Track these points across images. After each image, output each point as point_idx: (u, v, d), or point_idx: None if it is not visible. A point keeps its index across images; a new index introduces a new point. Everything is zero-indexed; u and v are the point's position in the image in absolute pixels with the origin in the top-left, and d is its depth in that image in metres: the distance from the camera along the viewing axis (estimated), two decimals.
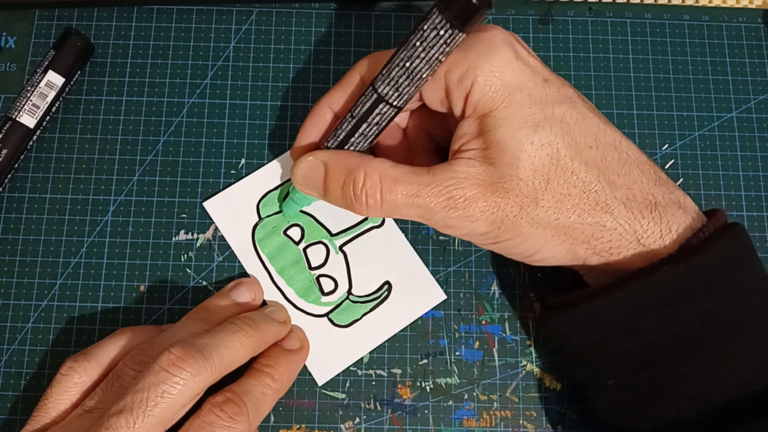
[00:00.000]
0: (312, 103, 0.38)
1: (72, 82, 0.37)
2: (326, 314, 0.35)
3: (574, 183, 0.28)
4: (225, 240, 0.36)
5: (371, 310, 0.35)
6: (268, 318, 0.32)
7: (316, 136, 0.32)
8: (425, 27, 0.26)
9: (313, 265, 0.35)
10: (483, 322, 0.35)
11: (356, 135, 0.30)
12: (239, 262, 0.35)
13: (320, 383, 0.34)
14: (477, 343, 0.35)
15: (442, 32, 0.26)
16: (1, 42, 0.39)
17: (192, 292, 0.35)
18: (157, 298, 0.35)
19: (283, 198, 0.36)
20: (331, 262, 0.35)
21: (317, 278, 0.35)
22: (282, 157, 0.37)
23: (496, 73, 0.28)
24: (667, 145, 0.38)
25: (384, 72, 0.28)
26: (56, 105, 0.37)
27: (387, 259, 0.36)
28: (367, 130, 0.30)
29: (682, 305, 0.27)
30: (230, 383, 0.29)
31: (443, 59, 0.27)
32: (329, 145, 0.31)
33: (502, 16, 0.39)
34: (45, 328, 0.35)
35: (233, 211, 0.36)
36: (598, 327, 0.29)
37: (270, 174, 0.36)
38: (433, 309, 0.35)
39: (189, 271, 0.36)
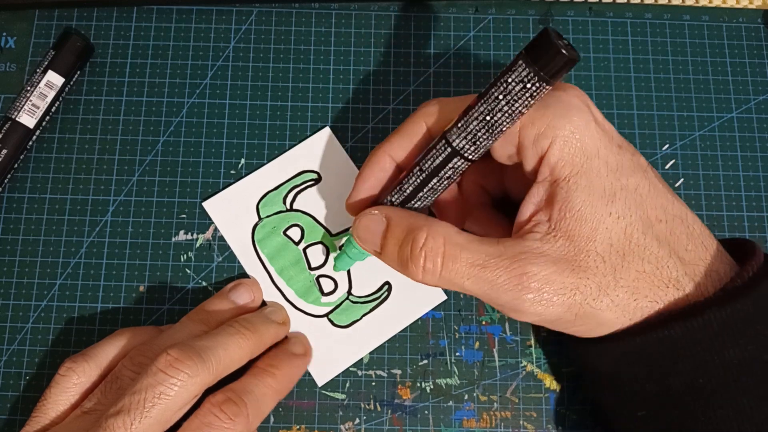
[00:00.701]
0: (312, 103, 0.38)
1: (72, 82, 0.37)
2: (326, 315, 0.35)
3: (647, 259, 0.26)
4: (225, 240, 0.36)
5: (371, 310, 0.35)
6: (267, 320, 0.32)
7: (375, 187, 0.30)
8: (510, 79, 0.24)
9: (313, 265, 0.35)
10: (483, 322, 0.35)
11: (425, 189, 0.28)
12: (239, 262, 0.35)
13: (320, 384, 0.34)
14: (477, 343, 0.35)
15: (529, 85, 0.24)
16: (1, 42, 0.39)
17: (191, 293, 0.35)
18: (157, 299, 0.35)
19: (339, 247, 0.35)
20: (331, 262, 0.35)
21: (317, 278, 0.35)
22: (281, 158, 0.37)
23: (576, 136, 0.26)
24: (667, 145, 0.38)
25: (460, 125, 0.26)
26: (56, 105, 0.37)
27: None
28: (437, 184, 0.28)
29: (725, 348, 0.26)
30: (230, 382, 0.29)
31: (525, 112, 0.25)
32: (393, 199, 0.29)
33: (502, 16, 0.39)
34: (45, 328, 0.35)
35: (233, 211, 0.36)
36: (634, 363, 0.28)
37: (269, 174, 0.36)
38: (433, 309, 0.35)
39: (188, 271, 0.36)
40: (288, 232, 0.36)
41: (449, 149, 0.27)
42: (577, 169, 0.26)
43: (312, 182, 0.36)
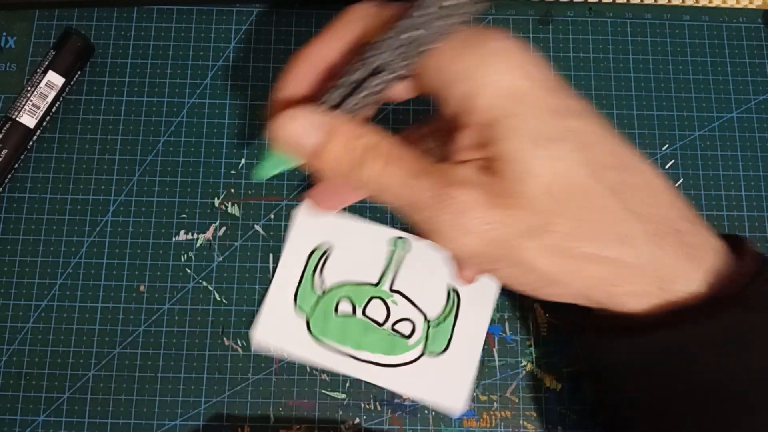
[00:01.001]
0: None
1: (72, 82, 0.37)
2: (422, 354, 0.34)
3: (591, 208, 0.24)
4: (225, 240, 0.36)
5: (455, 322, 0.35)
6: None
7: (303, 88, 0.27)
8: None
9: (381, 321, 0.35)
10: None
11: (353, 98, 0.26)
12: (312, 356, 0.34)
13: (458, 415, 0.34)
14: None
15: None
16: (1, 42, 0.39)
17: (192, 292, 0.35)
18: (157, 299, 0.35)
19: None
20: (393, 307, 0.35)
21: (393, 329, 0.35)
22: (284, 258, 0.36)
23: (508, 78, 0.24)
24: (667, 145, 0.38)
25: (388, 37, 0.25)
26: (56, 105, 0.37)
27: (432, 270, 0.35)
28: (367, 96, 0.26)
29: (739, 354, 0.24)
30: None
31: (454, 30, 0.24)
32: (323, 103, 0.27)
33: (502, 16, 0.39)
34: (45, 328, 0.35)
35: (278, 324, 0.35)
36: (652, 357, 0.25)
37: (285, 279, 0.35)
38: None
39: (189, 271, 0.36)
40: (340, 311, 0.35)
41: (378, 63, 0.25)
42: (507, 112, 0.24)
43: (326, 254, 0.36)
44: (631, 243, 0.24)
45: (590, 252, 0.24)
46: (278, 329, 0.35)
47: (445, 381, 0.34)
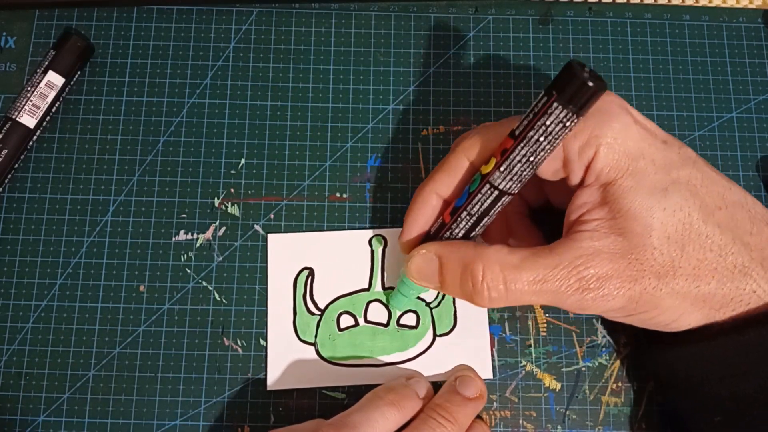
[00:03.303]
0: (312, 103, 0.38)
1: (72, 82, 0.37)
2: (434, 337, 0.35)
3: (709, 247, 0.27)
4: (225, 240, 0.36)
5: (454, 298, 0.35)
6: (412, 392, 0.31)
7: (424, 225, 0.31)
8: (549, 122, 0.25)
9: (384, 322, 0.35)
10: None
11: (477, 229, 0.29)
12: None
13: (487, 376, 0.34)
14: None
15: (567, 123, 0.25)
16: (1, 42, 0.39)
17: (192, 292, 0.35)
18: (157, 299, 0.35)
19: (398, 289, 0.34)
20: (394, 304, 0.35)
21: (399, 324, 0.35)
22: (270, 293, 0.35)
23: (619, 140, 0.27)
24: None
25: (503, 169, 0.27)
26: (56, 105, 0.37)
27: None
28: (487, 221, 0.29)
29: None
30: None
31: (563, 140, 0.26)
32: (443, 238, 0.30)
33: (502, 16, 0.39)
34: (45, 328, 0.35)
35: (289, 364, 0.34)
36: (706, 366, 0.28)
37: (278, 309, 0.35)
38: None
39: (189, 271, 0.36)
40: (342, 325, 0.35)
41: (496, 192, 0.28)
42: (623, 173, 0.27)
43: (310, 276, 0.35)
44: (745, 272, 0.27)
45: (713, 287, 0.27)
46: (289, 367, 0.34)
47: (466, 353, 0.34)
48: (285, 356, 0.34)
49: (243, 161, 0.37)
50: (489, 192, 0.28)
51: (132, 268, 0.36)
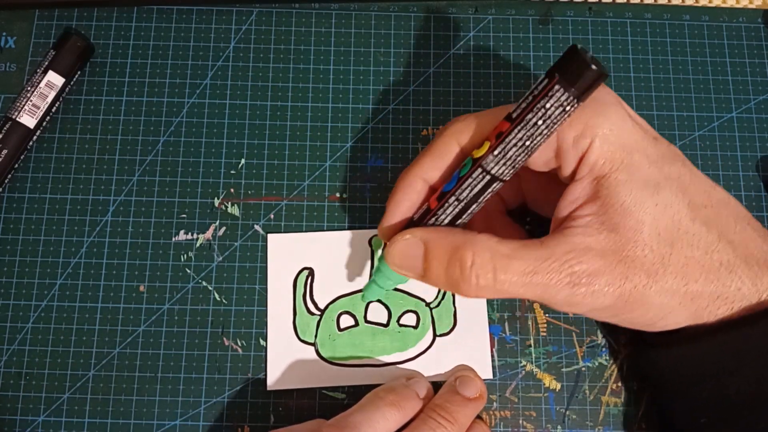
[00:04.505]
0: (312, 103, 0.38)
1: (72, 83, 0.37)
2: (434, 337, 0.35)
3: (696, 245, 0.27)
4: (225, 240, 0.36)
5: (454, 296, 0.35)
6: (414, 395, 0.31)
7: (407, 210, 0.30)
8: (549, 105, 0.24)
9: (384, 322, 0.35)
10: None
11: (464, 216, 0.28)
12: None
13: (487, 376, 0.34)
14: None
15: (568, 107, 0.24)
16: (1, 42, 0.39)
17: (192, 292, 0.35)
18: (157, 299, 0.35)
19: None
20: (391, 304, 0.35)
21: (399, 324, 0.35)
22: (270, 295, 0.35)
23: (615, 132, 0.26)
24: None
25: (497, 153, 0.26)
26: (56, 105, 0.37)
27: None
28: (475, 208, 0.28)
29: None
30: None
31: (560, 126, 0.26)
32: (428, 224, 0.29)
33: (502, 16, 0.39)
34: (45, 328, 0.35)
35: (289, 364, 0.34)
36: (690, 367, 0.29)
37: (278, 309, 0.35)
38: None
39: (189, 271, 0.36)
40: (342, 326, 0.35)
41: (488, 176, 0.27)
42: (618, 165, 0.26)
43: (310, 277, 0.35)
44: (731, 269, 0.27)
45: (700, 284, 0.27)
46: (289, 367, 0.34)
47: (465, 353, 0.34)
48: (285, 356, 0.34)
49: (243, 161, 0.37)
50: (480, 176, 0.27)
51: (132, 268, 0.36)
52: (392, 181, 0.37)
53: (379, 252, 0.35)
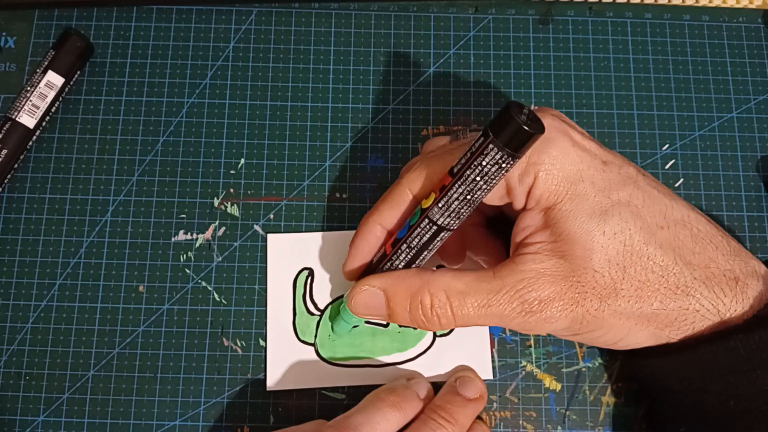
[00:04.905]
0: (312, 103, 0.38)
1: (72, 82, 0.37)
2: (434, 338, 0.34)
3: (651, 268, 0.27)
4: (224, 241, 0.36)
5: None
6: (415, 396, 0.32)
7: (368, 254, 0.31)
8: (485, 162, 0.25)
9: (385, 322, 0.35)
10: None
11: (418, 261, 0.29)
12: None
13: (487, 376, 0.34)
14: None
15: (503, 165, 0.25)
16: (1, 42, 0.39)
17: (191, 293, 0.35)
18: (157, 299, 0.35)
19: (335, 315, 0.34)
20: None
21: (398, 324, 0.35)
22: (270, 295, 0.35)
23: (557, 166, 0.27)
24: (667, 145, 0.38)
25: (441, 205, 0.27)
26: (56, 105, 0.37)
27: None
28: (427, 254, 0.29)
29: (754, 375, 0.27)
30: None
31: (501, 179, 0.26)
32: (384, 269, 0.30)
33: (502, 16, 0.39)
34: (45, 328, 0.35)
35: (289, 364, 0.34)
36: (669, 379, 0.29)
37: (277, 311, 0.35)
38: None
39: (188, 271, 0.36)
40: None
41: (435, 227, 0.27)
42: (562, 197, 0.27)
43: (309, 277, 0.35)
44: (688, 292, 0.27)
45: (656, 307, 0.27)
46: (289, 367, 0.34)
47: (465, 354, 0.34)
48: (285, 357, 0.34)
49: (243, 161, 0.37)
50: (428, 227, 0.28)
51: (131, 269, 0.36)
52: (392, 181, 0.37)
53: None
